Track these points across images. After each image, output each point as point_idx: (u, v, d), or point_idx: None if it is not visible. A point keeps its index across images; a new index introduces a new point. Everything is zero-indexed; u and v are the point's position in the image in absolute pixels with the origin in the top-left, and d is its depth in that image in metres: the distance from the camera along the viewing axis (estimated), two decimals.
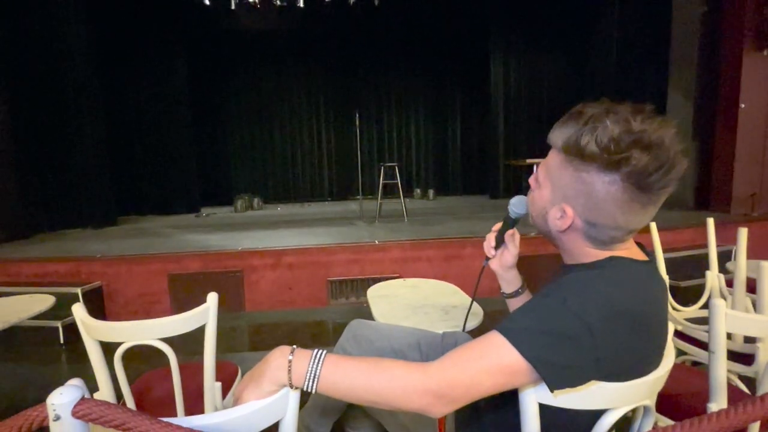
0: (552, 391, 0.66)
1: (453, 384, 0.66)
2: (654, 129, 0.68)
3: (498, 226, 1.04)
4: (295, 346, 0.70)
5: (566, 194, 0.76)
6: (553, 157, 0.78)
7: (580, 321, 0.66)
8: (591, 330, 0.65)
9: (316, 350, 0.69)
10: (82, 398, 0.50)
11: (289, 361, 0.67)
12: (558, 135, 0.76)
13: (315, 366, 0.67)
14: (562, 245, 0.83)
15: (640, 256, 0.80)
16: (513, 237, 1.03)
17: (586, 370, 0.67)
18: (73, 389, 0.50)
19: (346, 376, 0.68)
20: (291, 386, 0.67)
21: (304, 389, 0.68)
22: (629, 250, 0.79)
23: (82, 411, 0.49)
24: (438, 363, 0.69)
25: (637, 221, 0.74)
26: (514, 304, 1.07)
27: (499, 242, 1.04)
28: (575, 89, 7.05)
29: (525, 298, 1.06)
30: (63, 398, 0.49)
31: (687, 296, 3.22)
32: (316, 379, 0.67)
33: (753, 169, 4.73)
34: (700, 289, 1.86)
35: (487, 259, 1.07)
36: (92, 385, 0.54)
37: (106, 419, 0.50)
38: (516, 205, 0.97)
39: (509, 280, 1.06)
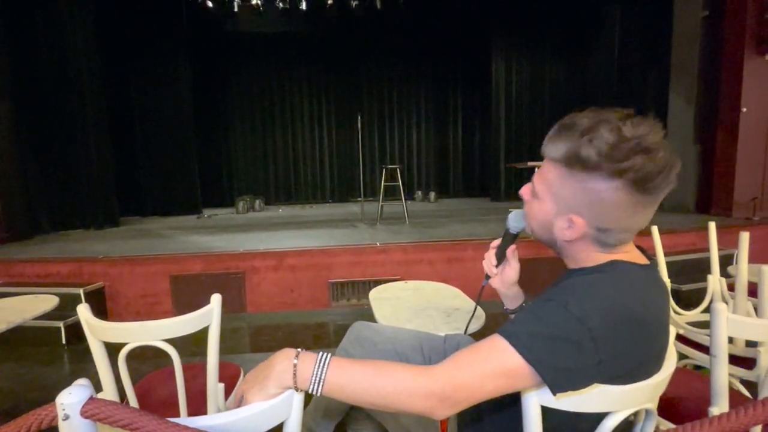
0: (554, 394, 0.67)
1: (456, 387, 0.67)
2: (647, 133, 0.69)
3: (497, 242, 1.03)
4: (299, 349, 0.70)
5: (571, 205, 0.76)
6: (551, 170, 0.78)
7: (582, 325, 0.66)
8: (592, 334, 0.66)
9: (320, 353, 0.70)
10: (91, 398, 0.51)
11: (294, 365, 0.67)
12: (553, 148, 0.76)
13: (320, 370, 0.67)
14: (567, 252, 0.83)
15: (641, 259, 0.80)
16: (513, 252, 1.02)
17: (588, 374, 0.67)
18: (81, 389, 0.51)
19: (351, 379, 0.68)
20: (296, 389, 0.68)
21: (309, 392, 0.68)
22: (630, 254, 0.79)
23: (90, 411, 0.50)
24: (441, 366, 0.69)
25: (642, 222, 0.76)
26: None
27: (500, 259, 1.02)
28: (577, 93, 7.08)
29: None
30: (72, 398, 0.50)
31: (688, 300, 3.22)
32: (321, 383, 0.67)
33: (754, 173, 4.73)
34: (702, 293, 1.86)
35: (487, 277, 1.05)
36: (94, 386, 0.55)
37: (114, 419, 0.50)
38: (515, 219, 0.95)
39: (512, 297, 1.06)
